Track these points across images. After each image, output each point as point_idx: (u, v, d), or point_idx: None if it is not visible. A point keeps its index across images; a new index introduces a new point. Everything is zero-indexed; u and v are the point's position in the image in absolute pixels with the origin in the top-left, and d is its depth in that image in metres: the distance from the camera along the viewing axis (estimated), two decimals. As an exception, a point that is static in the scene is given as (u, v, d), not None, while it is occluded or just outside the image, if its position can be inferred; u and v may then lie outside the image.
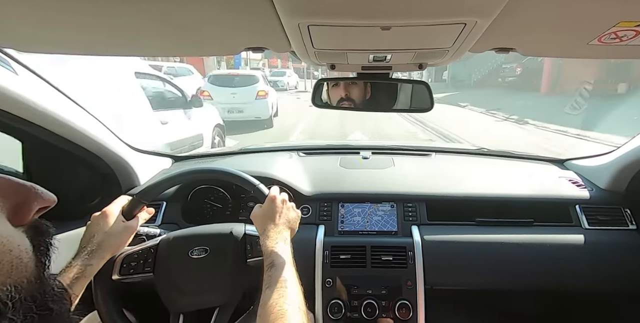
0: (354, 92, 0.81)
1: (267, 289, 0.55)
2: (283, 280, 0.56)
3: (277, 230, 0.67)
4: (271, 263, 0.60)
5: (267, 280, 0.57)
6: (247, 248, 0.73)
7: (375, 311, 0.88)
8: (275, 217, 0.69)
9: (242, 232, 0.76)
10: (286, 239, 0.66)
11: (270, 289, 0.54)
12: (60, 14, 0.39)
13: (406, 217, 1.02)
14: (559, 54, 0.61)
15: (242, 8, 0.38)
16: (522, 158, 1.36)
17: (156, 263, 0.73)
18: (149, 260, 0.73)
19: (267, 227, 0.67)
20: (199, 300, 0.72)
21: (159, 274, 0.72)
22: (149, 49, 0.65)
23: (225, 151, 1.43)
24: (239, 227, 0.77)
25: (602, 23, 0.41)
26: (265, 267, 0.60)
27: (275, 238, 0.65)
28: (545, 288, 1.00)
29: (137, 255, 0.74)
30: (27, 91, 0.65)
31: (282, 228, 0.68)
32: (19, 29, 0.46)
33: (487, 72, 14.43)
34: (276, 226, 0.68)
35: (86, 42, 0.53)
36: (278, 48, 0.52)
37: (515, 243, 0.96)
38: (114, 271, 0.72)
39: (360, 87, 0.80)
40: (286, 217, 0.71)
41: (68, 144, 0.82)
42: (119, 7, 0.38)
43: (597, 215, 1.01)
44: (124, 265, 0.73)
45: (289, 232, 0.70)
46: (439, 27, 0.40)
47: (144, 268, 0.72)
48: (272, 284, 0.55)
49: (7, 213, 0.26)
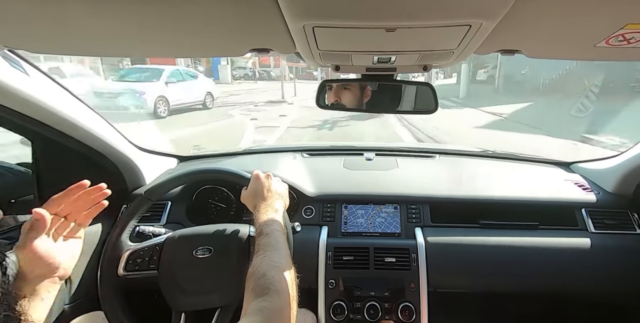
0: (357, 93, 0.81)
1: (256, 256, 0.56)
2: (270, 245, 0.58)
3: (267, 203, 0.69)
4: (260, 231, 0.62)
5: (257, 248, 0.59)
6: (250, 250, 0.74)
7: (378, 313, 0.88)
8: (263, 192, 0.71)
9: (246, 233, 0.76)
10: (277, 209, 0.68)
11: (257, 255, 0.56)
12: (71, 16, 0.40)
13: (410, 218, 1.02)
14: (565, 56, 0.60)
15: (247, 10, 0.39)
16: (527, 160, 1.35)
17: (161, 261, 0.74)
18: (154, 258, 0.74)
19: (257, 202, 0.69)
20: (201, 300, 0.73)
21: (163, 272, 0.73)
22: (156, 50, 0.66)
23: (229, 152, 1.44)
24: (243, 228, 0.78)
25: (609, 25, 0.41)
26: (256, 236, 0.62)
27: (265, 211, 0.67)
28: (550, 292, 0.99)
29: (142, 252, 0.75)
30: (37, 92, 0.67)
31: (271, 200, 0.70)
32: (31, 31, 0.47)
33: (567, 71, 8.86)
34: (265, 199, 0.70)
35: (95, 44, 0.54)
36: (283, 49, 0.53)
37: (519, 246, 0.95)
38: (119, 267, 0.73)
39: (364, 89, 0.80)
40: (274, 189, 0.73)
41: (76, 143, 0.84)
42: (127, 9, 0.39)
43: (603, 219, 1.00)
44: (129, 262, 0.74)
45: (280, 201, 0.72)
46: (444, 29, 0.40)
47: (149, 266, 0.73)
48: (259, 250, 0.57)
49: None
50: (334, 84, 0.82)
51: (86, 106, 0.84)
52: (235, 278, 0.73)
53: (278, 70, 18.65)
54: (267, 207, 0.68)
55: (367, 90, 0.80)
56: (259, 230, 0.62)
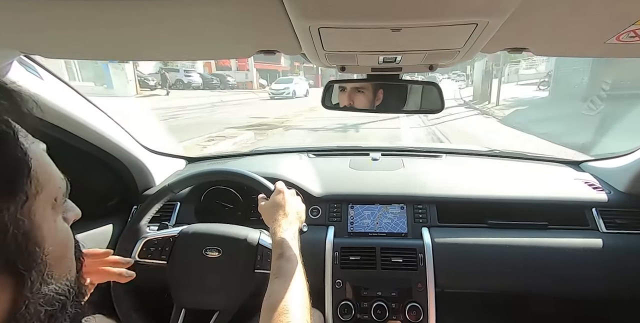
0: (363, 93, 0.81)
1: (274, 279, 0.54)
2: (290, 274, 0.55)
3: (288, 220, 0.67)
4: (281, 254, 0.59)
5: (276, 270, 0.56)
6: (257, 258, 0.75)
7: (385, 313, 0.88)
8: (285, 207, 0.69)
9: (256, 240, 0.77)
10: (296, 232, 0.66)
11: (277, 280, 0.54)
12: (83, 21, 0.42)
13: (416, 218, 1.01)
14: (574, 54, 0.59)
15: (253, 12, 0.39)
16: (536, 159, 1.33)
17: (172, 253, 0.76)
18: (166, 249, 0.76)
19: (277, 216, 0.67)
20: (202, 300, 0.75)
21: (172, 264, 0.75)
22: (165, 54, 0.68)
23: (237, 153, 1.46)
24: (254, 234, 0.78)
25: (620, 21, 0.40)
26: (274, 256, 0.60)
27: (286, 229, 0.65)
28: (560, 293, 0.97)
29: (157, 241, 0.77)
30: (51, 95, 0.69)
31: (292, 219, 0.68)
32: (46, 37, 0.48)
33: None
34: (286, 216, 0.68)
35: (107, 48, 0.55)
36: (289, 50, 0.53)
37: (528, 247, 0.94)
38: (134, 252, 0.76)
39: (369, 89, 0.80)
40: (295, 207, 0.71)
41: (89, 145, 0.86)
42: (137, 15, 0.40)
43: (615, 219, 0.98)
44: (143, 249, 0.76)
45: (298, 224, 0.70)
46: (450, 28, 0.40)
47: (160, 256, 0.76)
48: (280, 275, 0.55)
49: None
50: (339, 85, 0.82)
51: (98, 109, 0.86)
52: (238, 283, 0.74)
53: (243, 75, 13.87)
54: (288, 224, 0.66)
55: (373, 90, 0.80)
56: (280, 250, 0.60)
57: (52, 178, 0.27)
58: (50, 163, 0.28)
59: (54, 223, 0.27)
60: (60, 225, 0.28)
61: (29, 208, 0.24)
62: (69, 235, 0.30)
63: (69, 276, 0.28)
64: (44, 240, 0.25)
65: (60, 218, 0.28)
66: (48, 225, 0.26)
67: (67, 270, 0.28)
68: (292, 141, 5.85)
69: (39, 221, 0.25)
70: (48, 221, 0.26)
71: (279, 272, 0.56)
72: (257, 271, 0.74)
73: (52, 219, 0.27)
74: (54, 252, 0.26)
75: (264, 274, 0.73)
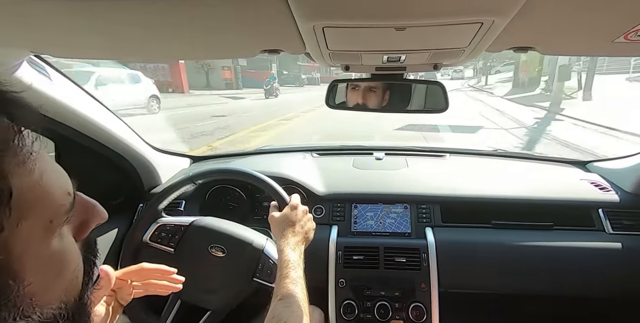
0: (367, 93, 0.81)
1: (278, 301, 0.54)
2: (294, 298, 0.55)
3: (296, 239, 0.67)
4: (287, 275, 0.58)
5: (279, 291, 0.56)
6: (258, 266, 0.75)
7: (389, 313, 0.88)
8: (296, 225, 0.69)
9: (261, 247, 0.77)
10: (302, 253, 0.66)
11: (281, 303, 0.53)
12: (94, 22, 0.42)
13: (420, 218, 1.01)
14: (581, 53, 0.59)
15: (258, 11, 0.39)
16: (541, 160, 1.31)
17: (180, 242, 0.77)
18: (176, 237, 0.78)
19: (286, 233, 0.67)
20: (197, 296, 0.75)
21: (178, 253, 0.77)
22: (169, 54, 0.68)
23: (241, 152, 1.46)
24: (260, 240, 0.78)
25: (628, 20, 0.39)
26: (279, 275, 0.59)
27: (294, 249, 0.64)
28: (565, 294, 0.96)
29: (169, 227, 0.79)
30: (60, 94, 0.70)
31: (300, 238, 0.68)
32: (55, 37, 0.49)
33: None
34: (295, 234, 0.67)
35: (113, 48, 0.56)
36: (293, 50, 0.53)
37: (533, 247, 0.93)
38: (146, 233, 0.78)
39: (373, 88, 0.80)
40: (306, 227, 0.71)
41: (96, 144, 0.87)
42: (144, 15, 0.40)
43: (622, 220, 0.97)
44: (155, 233, 0.78)
45: (306, 244, 0.70)
46: (455, 27, 0.40)
47: (169, 242, 0.77)
48: (284, 298, 0.54)
49: (73, 230, 0.25)
50: (343, 84, 0.82)
51: (106, 109, 0.87)
52: (235, 287, 0.75)
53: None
54: (295, 244, 0.65)
55: (377, 89, 0.80)
56: (286, 271, 0.59)
57: (47, 197, 0.21)
58: (49, 180, 0.22)
59: (47, 247, 0.22)
60: (57, 245, 0.22)
61: (4, 241, 0.19)
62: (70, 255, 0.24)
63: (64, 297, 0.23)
64: (24, 271, 0.20)
65: (57, 239, 0.23)
66: (35, 252, 0.21)
67: (62, 292, 0.23)
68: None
69: (20, 252, 0.20)
70: (35, 247, 0.21)
71: (284, 294, 0.55)
72: (255, 280, 0.74)
73: (42, 243, 0.21)
74: (43, 278, 0.21)
75: (261, 284, 0.73)
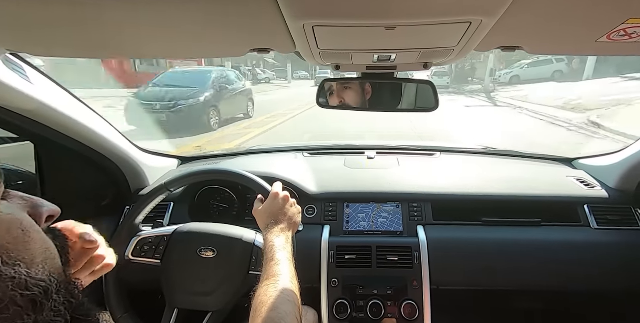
0: (357, 92, 0.81)
1: (264, 281, 0.56)
2: (279, 274, 0.56)
3: (280, 227, 0.68)
4: (271, 257, 0.60)
5: (265, 274, 0.58)
6: (252, 259, 0.74)
7: (381, 311, 0.88)
8: (279, 215, 0.70)
9: (251, 241, 0.76)
10: (288, 237, 0.67)
11: (267, 282, 0.55)
12: (73, 19, 0.41)
13: (412, 217, 1.02)
14: (567, 52, 0.60)
15: (247, 10, 0.39)
16: (529, 157, 1.34)
17: (166, 253, 0.75)
18: (160, 248, 0.75)
19: (270, 223, 0.68)
20: (195, 301, 0.74)
21: (166, 264, 0.74)
22: (156, 51, 0.66)
23: (231, 152, 1.44)
24: (249, 234, 0.78)
25: (611, 20, 0.41)
26: (265, 261, 0.61)
27: (278, 235, 0.66)
28: (553, 289, 0.99)
29: (151, 240, 0.76)
30: (39, 94, 0.67)
31: (285, 225, 0.69)
32: (33, 35, 0.47)
33: None
34: (279, 223, 0.69)
35: (96, 46, 0.54)
36: (283, 49, 0.53)
37: (522, 244, 0.95)
38: (127, 250, 0.75)
39: (364, 88, 0.80)
40: (289, 213, 0.72)
41: (79, 145, 0.84)
42: (126, 12, 0.39)
43: (606, 215, 1.00)
44: (137, 247, 0.75)
45: (291, 229, 0.71)
46: (444, 27, 0.40)
47: (154, 255, 0.75)
48: (268, 277, 0.56)
49: (24, 210, 0.29)
50: (333, 83, 0.82)
51: (88, 108, 0.84)
52: (232, 284, 0.73)
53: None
54: (280, 231, 0.67)
55: (367, 89, 0.80)
56: (270, 254, 0.61)
57: None
58: None
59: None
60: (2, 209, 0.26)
61: None
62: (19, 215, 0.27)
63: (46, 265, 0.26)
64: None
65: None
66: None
67: (40, 255, 0.26)
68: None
69: None
70: None
71: (267, 274, 0.57)
72: (251, 273, 0.73)
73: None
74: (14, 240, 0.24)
75: (258, 276, 0.72)
